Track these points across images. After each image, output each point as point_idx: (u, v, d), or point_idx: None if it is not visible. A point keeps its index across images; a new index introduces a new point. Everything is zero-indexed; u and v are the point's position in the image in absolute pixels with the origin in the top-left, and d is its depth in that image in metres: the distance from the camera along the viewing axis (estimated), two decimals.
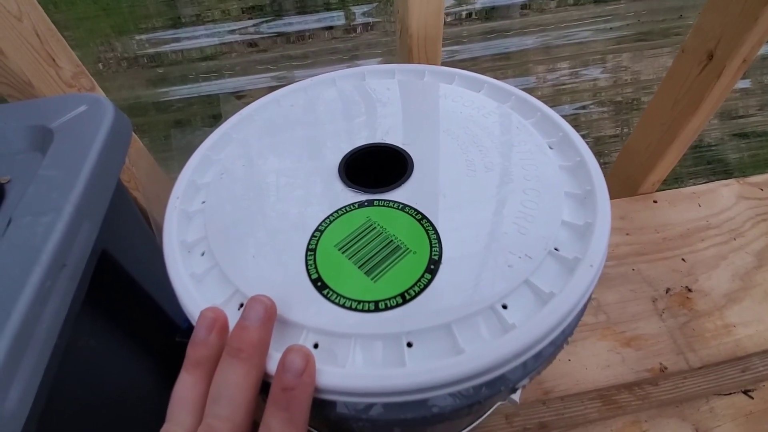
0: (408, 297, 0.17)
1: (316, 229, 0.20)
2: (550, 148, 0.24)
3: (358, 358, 0.16)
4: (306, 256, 0.19)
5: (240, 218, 0.20)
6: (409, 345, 0.16)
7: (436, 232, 0.19)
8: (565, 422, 0.40)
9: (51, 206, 0.21)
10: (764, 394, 0.40)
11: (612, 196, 0.56)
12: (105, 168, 0.24)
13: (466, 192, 0.21)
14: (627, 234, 0.53)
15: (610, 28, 0.83)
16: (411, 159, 0.23)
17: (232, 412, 0.15)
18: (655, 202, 0.56)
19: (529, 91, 0.27)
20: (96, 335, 0.24)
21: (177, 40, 0.63)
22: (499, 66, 0.85)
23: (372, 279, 0.18)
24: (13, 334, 0.16)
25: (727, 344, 0.44)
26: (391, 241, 0.19)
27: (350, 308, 0.17)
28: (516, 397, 0.28)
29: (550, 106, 0.26)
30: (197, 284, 0.18)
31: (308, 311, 0.17)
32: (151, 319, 0.29)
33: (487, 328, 0.16)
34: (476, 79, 0.29)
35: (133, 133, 0.36)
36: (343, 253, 0.19)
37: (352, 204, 0.21)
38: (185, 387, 0.16)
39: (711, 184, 0.57)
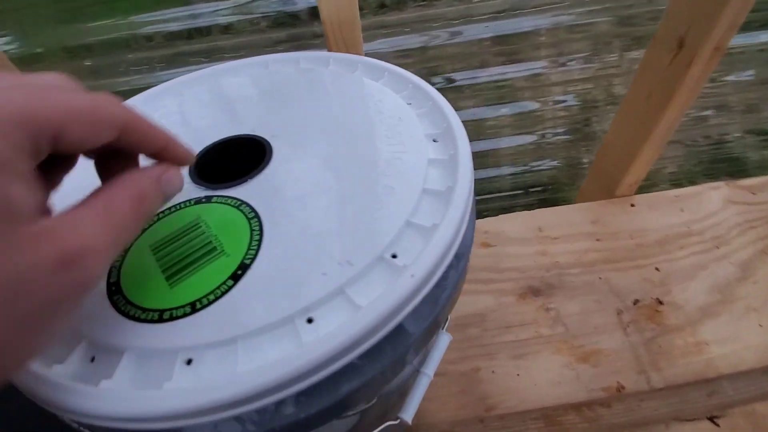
0: (199, 306, 0.15)
1: None
2: (434, 140, 0.21)
3: (125, 376, 0.14)
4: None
5: None
6: (189, 362, 0.14)
7: (261, 232, 0.17)
8: None
9: None
10: (733, 422, 0.36)
11: (589, 199, 0.53)
12: None
13: (317, 185, 0.19)
14: (597, 240, 0.49)
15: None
16: (271, 151, 0.21)
17: None
18: (632, 205, 0.52)
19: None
20: None
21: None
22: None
23: (170, 285, 0.15)
24: None
25: (696, 364, 0.39)
26: (210, 242, 0.17)
27: (133, 317, 0.15)
28: (406, 416, 0.25)
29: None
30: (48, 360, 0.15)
31: (92, 319, 0.15)
32: None
33: (280, 344, 0.14)
34: (378, 67, 0.26)
35: None
36: (155, 254, 0.17)
37: (188, 201, 0.19)
38: None
39: (698, 187, 0.52)
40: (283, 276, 0.15)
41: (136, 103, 0.25)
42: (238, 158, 0.21)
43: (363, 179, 0.19)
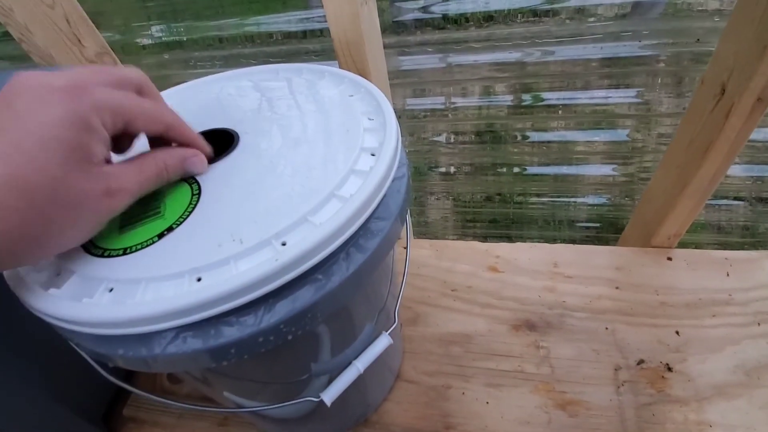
0: (128, 251, 0.20)
1: None
2: (369, 119, 0.25)
3: (69, 289, 0.19)
4: None
5: None
6: (111, 290, 0.19)
7: (195, 206, 0.21)
8: None
9: None
10: None
11: (628, 244, 0.49)
12: None
13: (261, 169, 0.23)
14: (616, 288, 0.46)
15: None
16: (237, 140, 0.25)
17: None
18: (669, 259, 0.47)
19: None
20: None
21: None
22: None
23: (119, 233, 0.21)
24: None
25: None
26: (158, 207, 0.22)
27: (88, 251, 0.20)
28: (327, 397, 0.28)
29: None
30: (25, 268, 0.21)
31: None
32: None
33: (168, 291, 0.18)
34: (339, 75, 0.30)
35: None
36: None
37: None
38: None
39: (753, 253, 0.45)
40: (193, 241, 0.20)
41: (176, 91, 0.32)
42: (214, 146, 0.26)
43: (312, 152, 0.24)
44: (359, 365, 0.29)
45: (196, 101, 0.31)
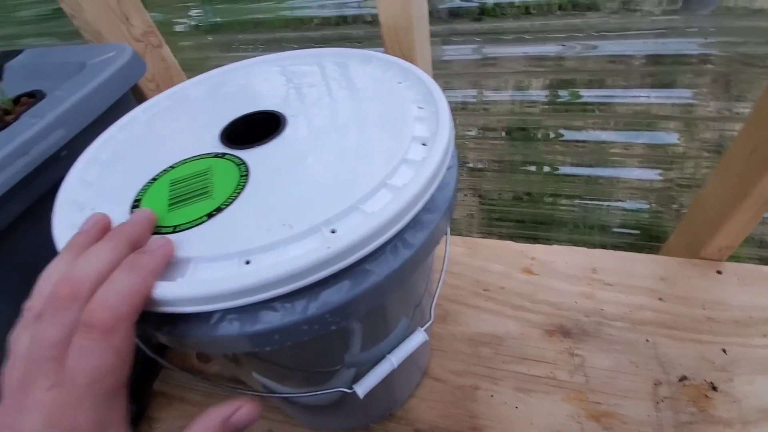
0: (178, 229, 0.19)
1: (170, 166, 0.23)
2: (419, 107, 0.24)
3: None
4: (145, 184, 0.22)
5: (127, 166, 0.25)
6: None
7: (243, 187, 0.21)
8: None
9: (41, 114, 0.29)
10: None
11: (673, 254, 0.47)
12: (98, 95, 0.32)
13: (309, 154, 0.22)
14: (660, 299, 0.43)
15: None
16: (285, 123, 0.25)
17: (116, 302, 0.15)
18: (719, 272, 0.44)
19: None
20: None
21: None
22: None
23: (169, 210, 0.20)
24: None
25: None
26: (207, 186, 0.21)
27: None
28: (360, 390, 0.27)
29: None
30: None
31: (114, 221, 0.20)
32: None
33: (216, 272, 0.18)
34: (387, 61, 0.29)
35: None
36: (170, 186, 0.22)
37: (208, 154, 0.24)
38: (60, 263, 0.18)
39: None
40: (242, 223, 0.19)
41: (221, 71, 0.32)
42: (261, 127, 0.25)
43: (361, 139, 0.23)
44: (393, 360, 0.28)
45: (241, 83, 0.31)
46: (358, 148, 0.23)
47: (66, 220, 0.21)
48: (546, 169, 1.46)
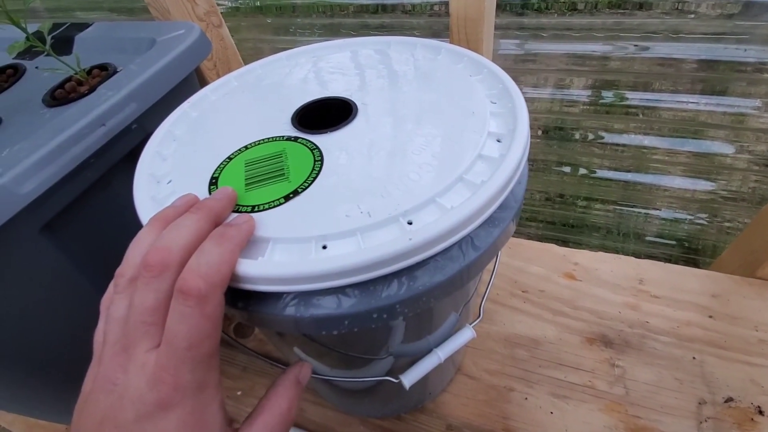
0: (257, 210, 0.20)
1: (244, 146, 0.24)
2: (492, 102, 0.24)
3: None
4: (221, 162, 0.23)
5: (202, 143, 0.25)
6: None
7: (319, 172, 0.21)
8: None
9: (117, 87, 0.30)
10: None
11: (726, 270, 0.45)
12: (169, 71, 0.33)
13: (383, 142, 0.22)
14: (710, 317, 0.42)
15: None
16: (356, 111, 0.25)
17: (209, 271, 0.16)
18: None
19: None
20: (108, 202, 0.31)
21: None
22: None
23: (246, 190, 0.21)
24: (50, 147, 0.24)
25: None
26: (283, 169, 0.22)
27: None
28: (406, 380, 0.28)
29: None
30: (156, 205, 0.21)
31: (197, 193, 0.21)
32: None
33: (295, 255, 0.18)
34: (457, 52, 0.29)
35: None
36: (246, 167, 0.22)
37: (282, 136, 0.24)
38: (149, 233, 0.17)
39: None
40: (319, 207, 0.19)
41: (289, 55, 0.33)
42: (332, 113, 0.25)
43: (436, 130, 0.23)
44: (441, 354, 0.28)
45: (306, 68, 0.31)
46: (431, 140, 0.22)
47: (145, 192, 0.22)
48: (582, 171, 1.41)
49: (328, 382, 0.33)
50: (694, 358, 0.40)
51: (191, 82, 0.36)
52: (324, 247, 0.18)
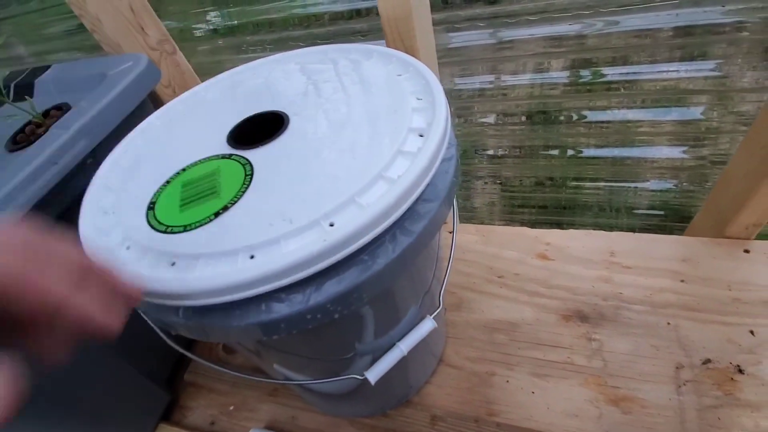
0: (188, 228, 0.21)
1: (182, 168, 0.25)
2: (418, 99, 0.25)
3: (133, 258, 0.20)
4: (159, 187, 0.24)
5: (146, 170, 0.26)
6: (173, 264, 0.20)
7: (248, 186, 0.22)
8: None
9: (67, 125, 0.31)
10: None
11: (699, 234, 0.45)
12: (118, 104, 0.34)
13: (310, 150, 0.23)
14: (682, 281, 0.42)
15: None
16: (287, 122, 0.26)
17: None
18: (746, 251, 0.43)
19: None
20: None
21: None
22: None
23: (180, 211, 0.22)
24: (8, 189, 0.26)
25: None
26: (215, 186, 0.23)
27: (152, 227, 0.21)
28: (371, 376, 0.28)
29: None
30: (101, 235, 0.22)
31: (132, 223, 0.22)
32: None
33: (222, 266, 0.19)
34: (388, 54, 0.30)
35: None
36: (182, 188, 0.23)
37: (217, 155, 0.25)
38: None
39: None
40: (246, 220, 0.20)
41: (228, 75, 0.34)
42: (267, 127, 0.26)
43: (360, 133, 0.24)
44: (403, 347, 0.29)
45: (246, 85, 0.32)
46: (355, 143, 0.23)
47: (90, 224, 0.23)
48: (569, 152, 1.41)
49: (305, 387, 0.34)
50: (668, 323, 0.40)
51: (145, 109, 0.37)
52: (251, 257, 0.19)
